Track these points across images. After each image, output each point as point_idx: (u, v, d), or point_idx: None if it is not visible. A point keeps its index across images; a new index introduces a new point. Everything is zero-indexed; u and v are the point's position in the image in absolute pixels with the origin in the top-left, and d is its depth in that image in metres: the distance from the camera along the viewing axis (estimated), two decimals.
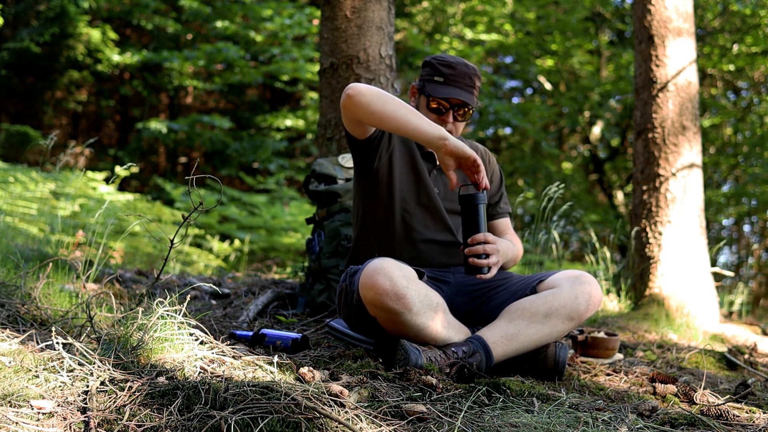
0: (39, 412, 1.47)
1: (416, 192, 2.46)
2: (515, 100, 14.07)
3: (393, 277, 2.08)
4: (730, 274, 4.85)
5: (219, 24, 10.52)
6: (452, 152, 2.16)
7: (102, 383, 1.63)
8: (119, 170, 3.53)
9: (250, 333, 2.40)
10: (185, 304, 1.97)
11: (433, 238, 2.45)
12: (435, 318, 2.15)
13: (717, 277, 4.62)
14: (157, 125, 10.25)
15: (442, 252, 2.46)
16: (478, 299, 2.42)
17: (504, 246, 2.43)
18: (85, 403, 1.53)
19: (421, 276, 2.22)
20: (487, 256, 2.22)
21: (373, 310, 2.14)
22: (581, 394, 2.10)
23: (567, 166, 13.57)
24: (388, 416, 1.67)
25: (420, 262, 2.40)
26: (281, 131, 11.56)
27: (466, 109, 2.46)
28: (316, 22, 10.09)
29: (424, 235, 2.44)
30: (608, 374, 2.46)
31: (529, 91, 13.99)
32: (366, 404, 1.73)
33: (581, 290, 2.26)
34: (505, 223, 2.70)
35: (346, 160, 3.18)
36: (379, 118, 2.20)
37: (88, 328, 2.05)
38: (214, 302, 3.40)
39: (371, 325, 2.23)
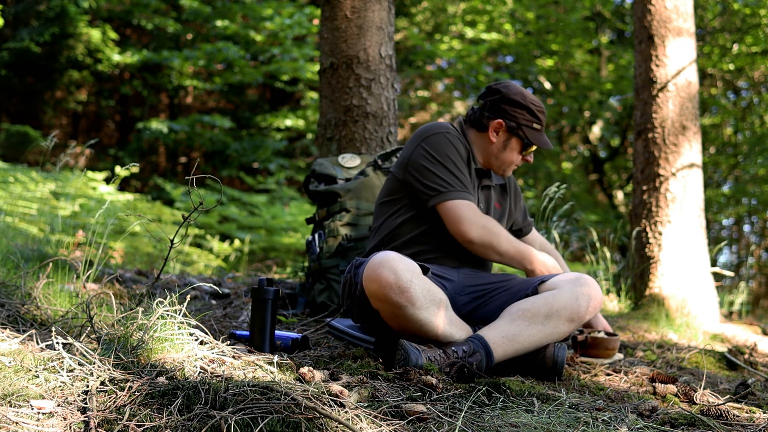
0: (39, 412, 1.47)
1: None
2: None
3: (397, 270, 2.09)
4: (730, 274, 4.85)
5: (219, 24, 10.51)
6: None
7: (102, 383, 1.63)
8: (119, 170, 3.53)
9: (250, 333, 2.40)
10: (185, 304, 1.97)
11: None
12: (438, 313, 2.15)
13: (717, 277, 4.61)
14: (158, 125, 10.25)
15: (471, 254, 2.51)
16: (479, 299, 2.42)
17: (552, 262, 2.52)
18: (85, 403, 1.53)
19: (425, 271, 2.22)
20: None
21: (376, 302, 2.14)
22: (581, 394, 2.10)
23: (567, 165, 13.56)
24: (388, 416, 1.67)
25: (458, 263, 2.50)
26: (281, 131, 11.56)
27: None
28: (316, 21, 10.08)
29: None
30: (608, 374, 2.46)
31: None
32: (366, 404, 1.73)
33: (582, 292, 2.26)
34: (534, 234, 2.84)
35: (346, 160, 3.18)
36: None
37: (88, 328, 2.05)
38: (214, 302, 3.40)
39: (373, 318, 2.23)
